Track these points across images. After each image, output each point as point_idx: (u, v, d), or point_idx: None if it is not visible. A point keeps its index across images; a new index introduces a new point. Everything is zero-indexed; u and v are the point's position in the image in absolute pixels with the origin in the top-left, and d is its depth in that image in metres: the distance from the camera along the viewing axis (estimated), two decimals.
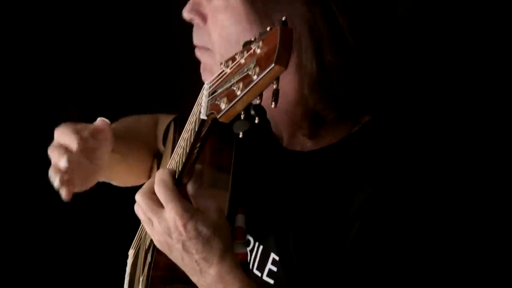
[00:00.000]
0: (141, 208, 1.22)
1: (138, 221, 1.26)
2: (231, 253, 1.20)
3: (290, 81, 1.25)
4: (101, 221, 2.45)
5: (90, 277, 2.44)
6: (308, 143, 1.30)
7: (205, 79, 1.24)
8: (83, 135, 1.38)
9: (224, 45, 1.26)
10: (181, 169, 1.21)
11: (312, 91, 1.23)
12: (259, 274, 1.31)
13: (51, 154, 1.39)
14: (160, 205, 1.20)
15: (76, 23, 2.40)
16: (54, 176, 1.37)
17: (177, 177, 1.22)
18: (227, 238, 1.20)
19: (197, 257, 1.19)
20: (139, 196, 1.22)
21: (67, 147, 1.37)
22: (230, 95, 1.03)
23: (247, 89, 1.00)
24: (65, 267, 2.45)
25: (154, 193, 1.21)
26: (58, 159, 1.36)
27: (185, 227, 1.17)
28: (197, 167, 1.23)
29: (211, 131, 1.14)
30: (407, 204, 1.18)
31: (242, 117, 1.03)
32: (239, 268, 1.20)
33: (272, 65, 0.97)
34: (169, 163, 1.29)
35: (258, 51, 1.01)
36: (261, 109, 1.02)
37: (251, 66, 1.00)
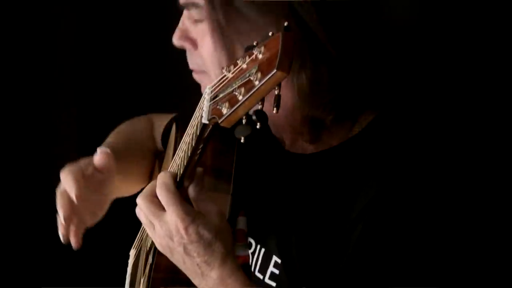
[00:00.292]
0: (143, 211, 1.22)
1: (139, 221, 1.26)
2: (232, 256, 1.20)
3: (286, 88, 1.24)
4: (103, 221, 2.44)
5: (91, 277, 2.43)
6: (310, 146, 1.30)
7: None
8: (87, 173, 1.37)
9: (217, 67, 1.26)
10: (182, 172, 1.21)
11: (305, 101, 1.23)
12: (261, 276, 1.31)
13: (57, 199, 1.38)
14: (161, 208, 1.20)
15: (76, 23, 2.40)
16: (59, 226, 1.39)
17: (179, 180, 1.22)
18: (228, 241, 1.20)
19: (199, 260, 1.19)
20: (141, 199, 1.22)
21: (69, 194, 1.36)
22: (231, 100, 1.03)
23: (249, 94, 1.00)
24: (65, 267, 2.44)
25: (155, 196, 1.21)
26: (59, 210, 1.37)
27: (186, 231, 1.17)
28: (199, 170, 1.23)
29: (212, 135, 1.14)
30: (410, 207, 1.17)
31: (243, 122, 1.03)
32: (241, 271, 1.20)
33: (274, 71, 0.97)
34: (171, 166, 1.29)
35: (260, 56, 1.00)
36: (262, 115, 1.01)
37: (253, 71, 1.00)
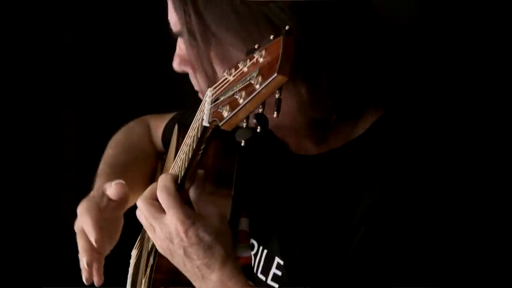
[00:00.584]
0: (143, 213, 1.22)
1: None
2: (233, 259, 1.20)
3: (287, 92, 1.23)
4: None
5: None
6: (313, 147, 1.30)
7: None
8: (103, 205, 1.39)
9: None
10: (183, 174, 1.21)
11: (306, 105, 1.21)
12: (263, 278, 1.31)
13: (77, 239, 1.42)
14: (161, 211, 1.20)
15: (76, 23, 2.40)
16: (82, 270, 1.42)
17: (179, 181, 1.22)
18: (228, 244, 1.20)
19: (199, 263, 1.19)
20: (141, 202, 1.22)
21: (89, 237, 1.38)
22: (232, 103, 1.03)
23: (250, 98, 1.00)
24: (65, 267, 2.44)
25: (155, 199, 1.21)
26: (81, 254, 1.40)
27: (186, 233, 1.17)
28: (200, 172, 1.23)
29: (213, 138, 1.14)
30: (413, 210, 1.17)
31: (244, 125, 1.03)
32: (241, 273, 1.20)
33: (274, 74, 0.97)
34: (172, 167, 1.29)
35: (260, 60, 1.00)
36: (263, 118, 1.01)
37: (254, 75, 1.00)
